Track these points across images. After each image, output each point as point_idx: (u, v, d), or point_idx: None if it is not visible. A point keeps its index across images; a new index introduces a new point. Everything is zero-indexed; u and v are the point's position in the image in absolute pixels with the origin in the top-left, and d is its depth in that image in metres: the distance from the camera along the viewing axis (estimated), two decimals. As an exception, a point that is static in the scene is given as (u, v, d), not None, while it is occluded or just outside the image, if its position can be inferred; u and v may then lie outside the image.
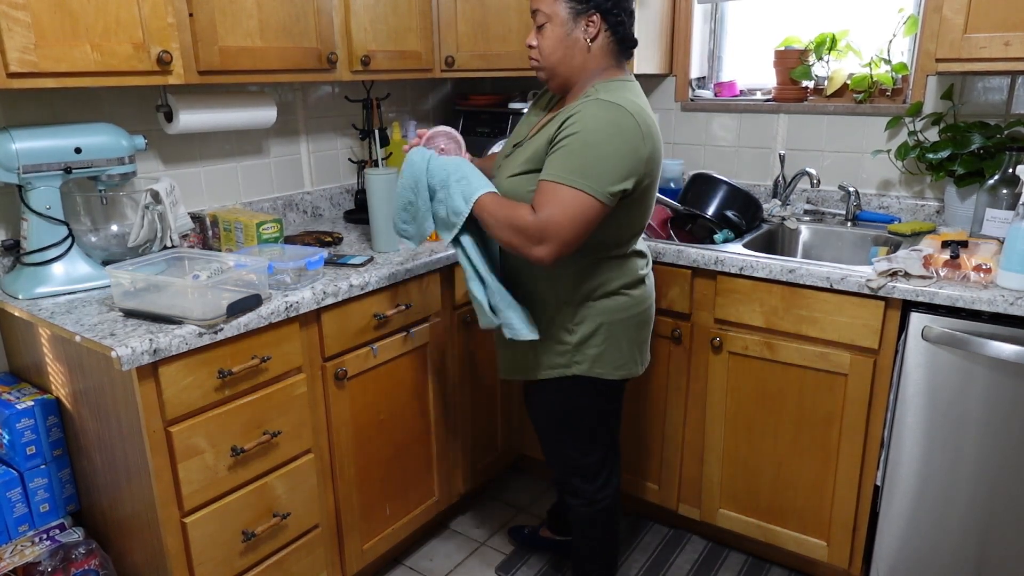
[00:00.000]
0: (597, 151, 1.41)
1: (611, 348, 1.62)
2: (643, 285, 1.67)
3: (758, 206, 2.28)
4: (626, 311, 1.63)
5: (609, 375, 1.65)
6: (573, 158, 1.42)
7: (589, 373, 1.63)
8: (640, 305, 1.66)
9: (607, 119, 1.43)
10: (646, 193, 1.54)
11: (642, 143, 1.46)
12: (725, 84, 2.59)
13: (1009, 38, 1.74)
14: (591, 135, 1.42)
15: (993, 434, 1.70)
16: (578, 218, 1.42)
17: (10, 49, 1.40)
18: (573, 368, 1.63)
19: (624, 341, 1.64)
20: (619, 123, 1.43)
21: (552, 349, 1.64)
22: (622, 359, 1.65)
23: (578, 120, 1.44)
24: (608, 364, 1.64)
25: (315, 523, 1.84)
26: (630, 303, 1.63)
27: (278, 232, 1.93)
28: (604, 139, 1.42)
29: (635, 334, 1.67)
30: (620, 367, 1.65)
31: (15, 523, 1.66)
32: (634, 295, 1.64)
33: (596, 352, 1.62)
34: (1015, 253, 1.64)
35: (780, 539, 2.10)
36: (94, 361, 1.52)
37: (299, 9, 1.90)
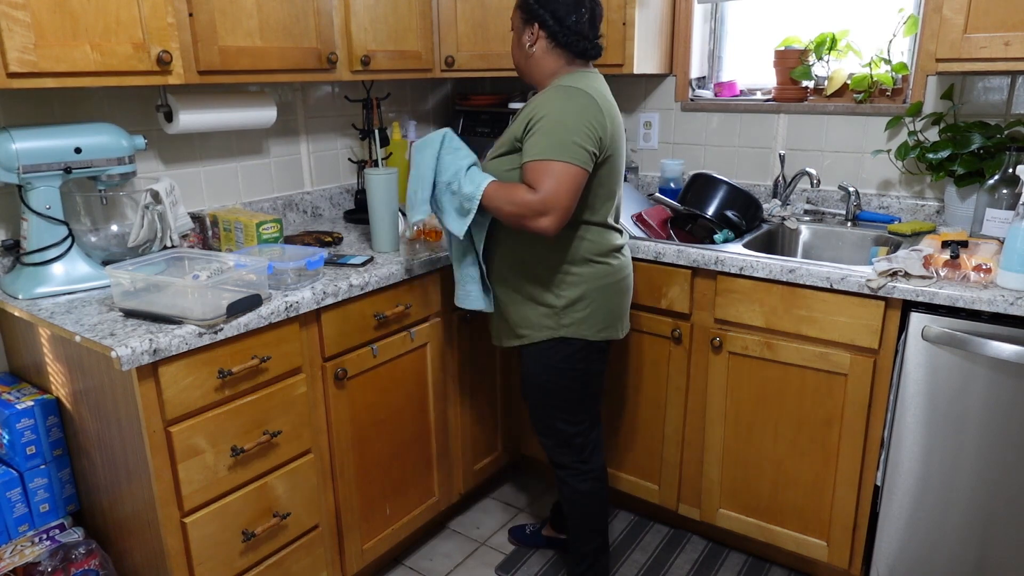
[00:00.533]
0: (566, 125, 1.61)
1: (594, 312, 1.78)
2: (621, 256, 1.83)
3: (758, 206, 2.28)
4: (607, 278, 1.79)
5: (593, 336, 1.80)
6: (549, 136, 1.61)
7: (575, 335, 1.79)
8: (619, 273, 1.82)
9: (566, 98, 1.64)
10: (609, 162, 1.71)
11: (600, 115, 1.65)
12: (725, 84, 2.59)
13: (1009, 38, 1.74)
14: (557, 114, 1.62)
15: (993, 434, 1.70)
16: (571, 186, 1.61)
17: (10, 49, 1.40)
18: (560, 331, 1.78)
19: (606, 306, 1.80)
20: (577, 100, 1.64)
21: (541, 313, 1.79)
22: (604, 322, 1.81)
23: (543, 105, 1.65)
24: (592, 327, 1.79)
25: (315, 523, 1.84)
26: (610, 271, 1.79)
27: (278, 232, 1.93)
28: (569, 115, 1.62)
29: (616, 300, 1.83)
30: (602, 329, 1.81)
31: (15, 523, 1.66)
32: (613, 264, 1.80)
33: (581, 315, 1.78)
34: (1015, 253, 1.64)
35: (780, 539, 2.10)
36: (94, 361, 1.52)
37: (299, 9, 1.90)
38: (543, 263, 1.76)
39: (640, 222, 2.31)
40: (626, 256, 1.86)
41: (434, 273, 2.04)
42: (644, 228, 2.30)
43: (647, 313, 2.15)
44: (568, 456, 1.91)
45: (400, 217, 2.07)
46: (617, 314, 1.84)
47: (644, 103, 2.70)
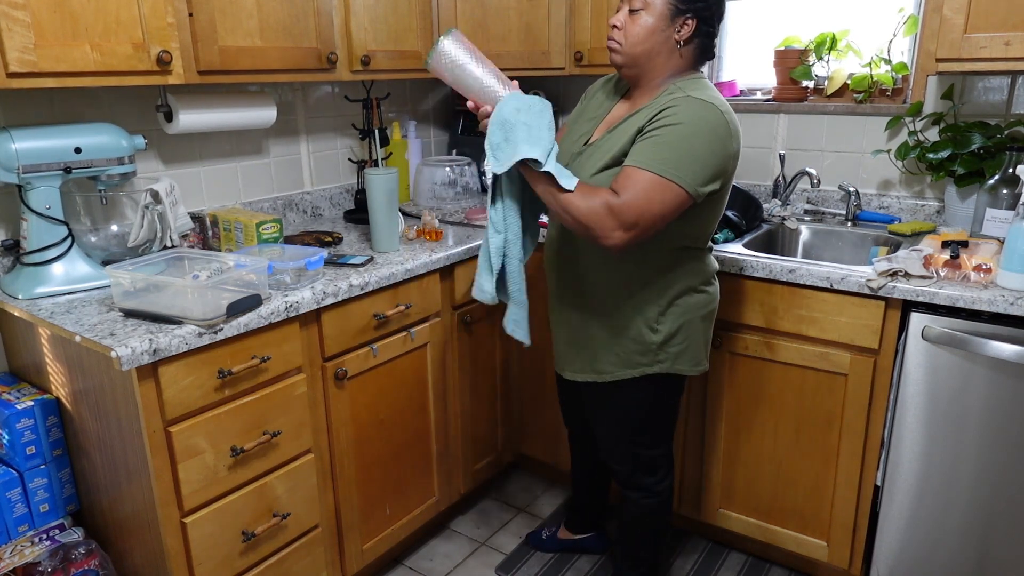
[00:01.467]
0: (692, 146, 1.42)
1: (691, 345, 1.65)
2: (716, 281, 1.71)
3: (758, 206, 2.28)
4: (703, 308, 1.66)
5: (689, 371, 1.68)
6: (667, 149, 1.42)
7: (671, 370, 1.65)
8: (714, 301, 1.70)
9: (703, 116, 1.44)
10: (725, 190, 1.56)
11: (731, 141, 1.48)
12: (725, 84, 2.59)
13: (1009, 38, 1.74)
14: (687, 129, 1.42)
15: (993, 434, 1.70)
16: (662, 206, 1.41)
17: (10, 49, 1.40)
18: (656, 367, 1.64)
19: (701, 337, 1.68)
20: (714, 122, 1.45)
21: (634, 348, 1.63)
22: (700, 355, 1.69)
23: (674, 114, 1.44)
24: (689, 361, 1.67)
25: (315, 523, 1.84)
26: (707, 300, 1.66)
27: (278, 232, 1.93)
28: (699, 135, 1.43)
29: (709, 330, 1.71)
30: (698, 363, 1.69)
31: (15, 523, 1.66)
32: (710, 291, 1.67)
33: (678, 350, 1.64)
34: (1015, 253, 1.64)
35: (780, 539, 2.10)
36: (94, 361, 1.52)
37: (299, 9, 1.90)
38: (644, 294, 1.58)
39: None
40: (717, 280, 1.72)
41: (434, 273, 2.04)
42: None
43: (647, 313, 2.15)
44: (644, 478, 1.80)
45: (400, 217, 2.07)
46: (709, 343, 1.72)
47: (644, 103, 2.69)
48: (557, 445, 2.45)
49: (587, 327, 1.67)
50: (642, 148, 1.44)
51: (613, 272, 1.60)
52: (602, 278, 1.62)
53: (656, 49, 1.52)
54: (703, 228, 1.59)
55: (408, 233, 2.18)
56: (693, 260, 1.61)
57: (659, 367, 1.64)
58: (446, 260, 2.04)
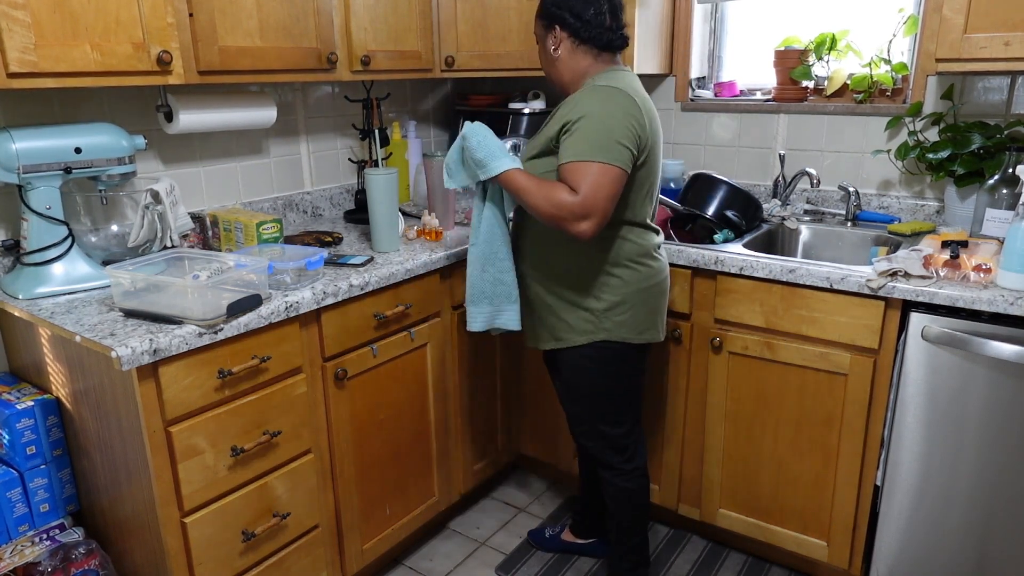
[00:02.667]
0: (605, 125, 1.58)
1: (635, 314, 1.76)
2: (659, 256, 1.81)
3: (758, 206, 2.28)
4: (647, 280, 1.76)
5: (634, 339, 1.78)
6: (587, 138, 1.58)
7: (615, 337, 1.76)
8: (658, 275, 1.80)
9: (604, 98, 1.61)
10: (648, 162, 1.69)
11: (640, 113, 1.62)
12: (725, 84, 2.59)
13: (1009, 38, 1.74)
14: (596, 114, 1.59)
15: (993, 434, 1.70)
16: (611, 189, 1.58)
17: (10, 49, 1.40)
18: (600, 334, 1.76)
19: (645, 309, 1.78)
20: (614, 99, 1.61)
21: (580, 316, 1.76)
22: (645, 325, 1.79)
23: (579, 105, 1.62)
24: (633, 329, 1.77)
25: (315, 523, 1.84)
26: (651, 272, 1.77)
27: (278, 232, 1.93)
28: (607, 114, 1.59)
29: (656, 302, 1.81)
30: (643, 332, 1.79)
31: (15, 523, 1.66)
32: (653, 266, 1.78)
33: (621, 318, 1.75)
34: (1015, 253, 1.64)
35: (780, 539, 2.10)
36: (94, 361, 1.52)
37: (299, 9, 1.90)
38: (584, 266, 1.73)
39: (640, 222, 2.31)
40: (663, 256, 1.83)
41: (434, 273, 2.04)
42: (644, 228, 2.30)
43: (647, 313, 2.15)
44: (613, 457, 1.89)
45: (400, 217, 2.07)
46: (657, 315, 1.82)
47: (644, 103, 2.70)
48: (557, 445, 2.45)
49: (545, 301, 1.81)
50: (571, 143, 1.60)
51: (563, 250, 1.74)
52: (546, 256, 1.78)
53: (550, 63, 1.76)
54: (631, 202, 1.70)
55: (408, 233, 2.18)
56: (631, 235, 1.73)
57: (604, 334, 1.76)
58: (446, 260, 2.04)
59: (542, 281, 1.80)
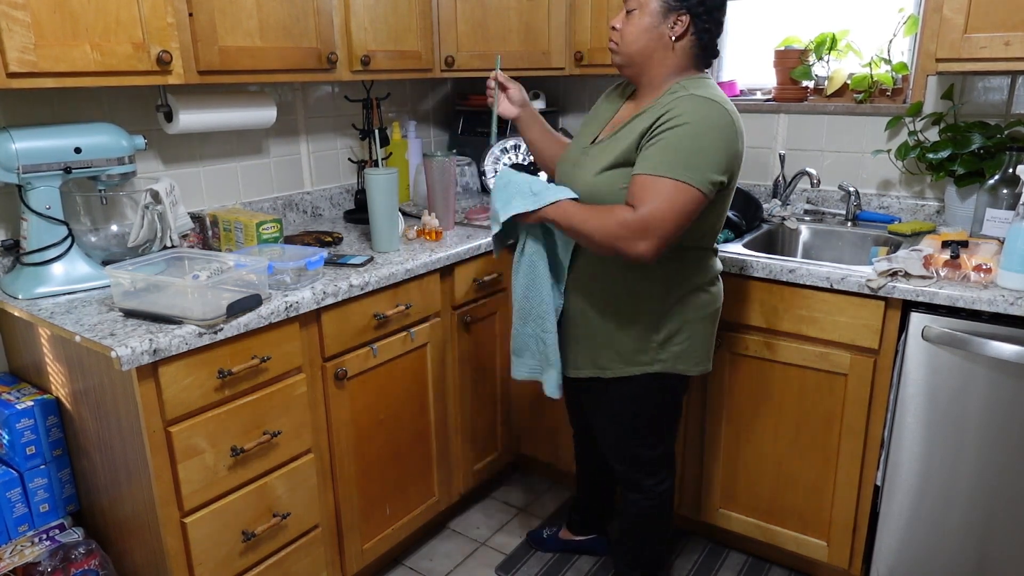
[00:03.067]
0: (697, 144, 1.43)
1: (693, 344, 1.66)
2: (719, 281, 1.71)
3: (758, 206, 2.28)
4: (707, 308, 1.66)
5: (690, 371, 1.68)
6: (673, 151, 1.43)
7: (672, 370, 1.65)
8: (717, 301, 1.70)
9: (706, 114, 1.45)
10: (729, 189, 1.57)
11: (736, 139, 1.49)
12: (725, 84, 2.58)
13: (1009, 38, 1.74)
14: (691, 128, 1.43)
15: (993, 434, 1.70)
16: (682, 210, 1.43)
17: (10, 49, 1.40)
18: (656, 365, 1.64)
19: (702, 338, 1.68)
20: (717, 118, 1.45)
21: (635, 346, 1.64)
22: (701, 355, 1.69)
23: (679, 114, 1.45)
24: (690, 360, 1.67)
25: (315, 523, 1.84)
26: (710, 300, 1.67)
27: (278, 232, 1.93)
28: (703, 132, 1.43)
29: (711, 330, 1.71)
30: (699, 363, 1.69)
31: (15, 523, 1.66)
32: (712, 292, 1.68)
33: (679, 349, 1.64)
34: (1015, 253, 1.64)
35: (780, 539, 2.10)
36: (94, 361, 1.52)
37: (299, 9, 1.90)
38: (646, 290, 1.59)
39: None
40: (721, 280, 1.72)
41: (434, 273, 2.04)
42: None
43: (647, 313, 2.15)
44: (645, 479, 1.81)
45: (400, 217, 2.07)
46: (711, 344, 1.71)
47: (644, 103, 2.69)
48: (557, 445, 2.45)
49: (590, 324, 1.68)
50: (651, 154, 1.45)
51: (618, 270, 1.61)
52: (607, 276, 1.63)
53: (651, 47, 1.54)
54: (708, 227, 1.59)
55: (408, 233, 2.18)
56: (698, 260, 1.62)
57: (659, 366, 1.64)
58: (446, 260, 2.04)
59: (589, 301, 1.67)
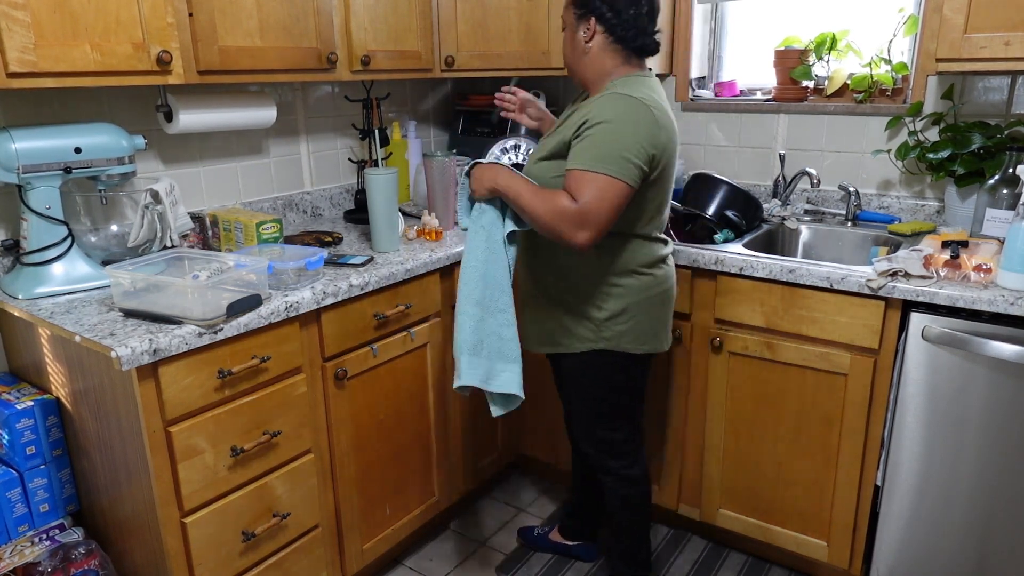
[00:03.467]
0: (616, 138, 1.54)
1: (636, 324, 1.73)
2: (664, 266, 1.77)
3: (758, 206, 2.28)
4: (650, 289, 1.73)
5: (634, 349, 1.74)
6: (597, 147, 1.55)
7: (615, 347, 1.73)
8: (662, 284, 1.75)
9: (623, 110, 1.56)
10: (661, 177, 1.65)
11: (657, 129, 1.58)
12: (725, 84, 2.59)
13: (1009, 38, 1.74)
14: (610, 124, 1.55)
15: (993, 434, 1.70)
16: (613, 202, 1.55)
17: (10, 49, 1.40)
18: (600, 343, 1.73)
19: (648, 318, 1.74)
20: (633, 113, 1.56)
21: (581, 324, 1.74)
22: (646, 335, 1.75)
23: (597, 112, 1.57)
24: (634, 340, 1.74)
25: (315, 523, 1.84)
26: (653, 282, 1.73)
27: (278, 232, 1.93)
28: (622, 127, 1.55)
29: (658, 312, 1.77)
30: (644, 342, 1.75)
31: (15, 523, 1.66)
32: (656, 275, 1.74)
33: (623, 328, 1.72)
34: (1015, 253, 1.64)
35: (780, 539, 2.10)
36: (94, 361, 1.52)
37: (299, 9, 1.90)
38: (587, 274, 1.70)
39: (640, 222, 2.31)
40: (670, 266, 1.79)
41: (434, 273, 2.04)
42: (644, 228, 2.30)
43: (647, 313, 2.15)
44: (612, 462, 1.87)
45: (400, 217, 2.07)
46: (660, 326, 1.78)
47: (644, 103, 2.69)
48: (557, 445, 2.45)
49: (547, 306, 1.79)
50: (580, 150, 1.57)
51: (566, 259, 1.72)
52: (549, 263, 1.76)
53: (576, 55, 1.69)
54: (638, 214, 1.66)
55: (408, 233, 2.18)
56: (634, 245, 1.70)
57: (604, 343, 1.73)
58: (446, 260, 2.04)
59: (543, 283, 1.78)
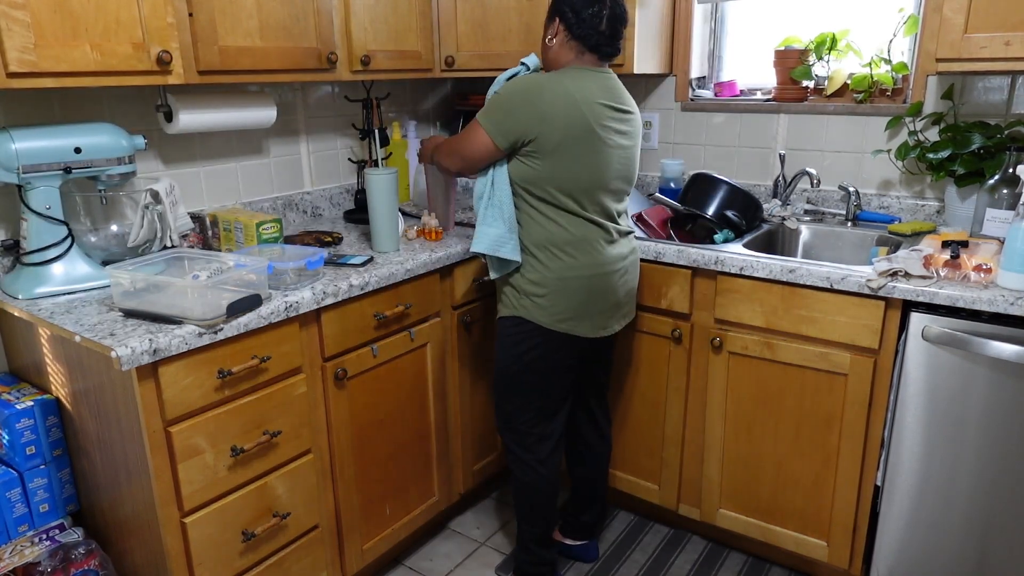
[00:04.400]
0: (500, 101, 1.73)
1: (553, 302, 1.79)
2: (594, 254, 1.79)
3: (758, 206, 2.28)
4: (568, 271, 1.77)
5: (549, 325, 1.80)
6: (487, 106, 1.78)
7: (529, 317, 1.81)
8: (583, 270, 1.78)
9: (519, 82, 1.75)
10: (549, 148, 1.71)
11: (540, 102, 1.69)
12: (725, 84, 2.59)
13: (1009, 38, 1.74)
14: (504, 90, 1.75)
15: (993, 434, 1.70)
16: (472, 143, 1.77)
17: (10, 49, 1.40)
18: (519, 310, 1.82)
19: (565, 299, 1.79)
20: (525, 86, 1.72)
21: (509, 290, 1.85)
22: (564, 314, 1.80)
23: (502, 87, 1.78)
24: (549, 315, 1.79)
25: (315, 523, 1.84)
26: (573, 264, 1.77)
27: (278, 232, 1.93)
28: (511, 95, 1.72)
29: (581, 297, 1.80)
30: (562, 321, 1.80)
31: (15, 523, 1.66)
32: (577, 258, 1.78)
33: (542, 302, 1.79)
34: (1015, 253, 1.64)
35: (780, 539, 2.10)
36: (94, 361, 1.52)
37: (299, 9, 1.90)
38: (525, 236, 1.81)
39: (640, 222, 2.31)
40: (605, 255, 1.80)
41: (434, 273, 2.04)
42: (644, 228, 2.30)
43: (647, 313, 2.15)
44: (510, 438, 1.95)
45: (400, 217, 2.07)
46: (583, 311, 1.80)
47: (644, 103, 2.70)
48: (557, 445, 2.45)
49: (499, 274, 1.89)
50: None
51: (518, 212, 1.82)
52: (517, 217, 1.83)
53: (545, 54, 1.84)
54: (548, 190, 1.74)
55: (408, 233, 2.18)
56: (556, 220, 1.76)
57: (523, 312, 1.81)
58: (446, 260, 2.04)
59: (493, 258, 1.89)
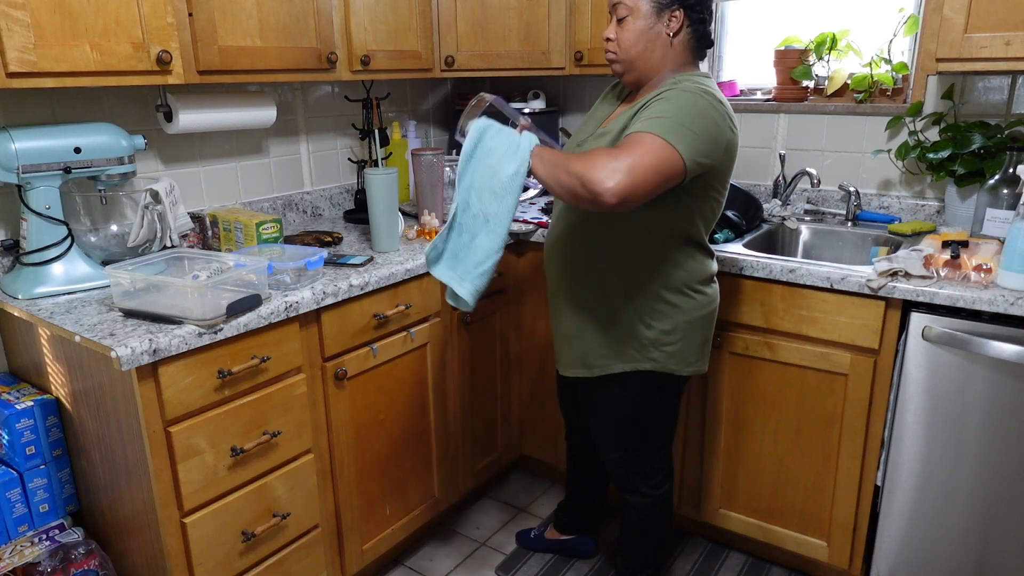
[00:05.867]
0: (683, 120, 1.41)
1: (685, 345, 1.65)
2: (714, 283, 1.70)
3: (758, 206, 2.28)
4: (701, 309, 1.65)
5: (681, 371, 1.67)
6: (661, 120, 1.41)
7: (660, 368, 1.65)
8: (713, 303, 1.69)
9: (694, 100, 1.45)
10: (719, 181, 1.55)
11: (724, 129, 1.48)
12: (725, 84, 2.59)
13: (1009, 38, 1.74)
14: (680, 108, 1.43)
15: (993, 434, 1.70)
16: (658, 166, 1.37)
17: (9, 49, 1.40)
18: (647, 364, 1.64)
19: (697, 339, 1.67)
20: (705, 106, 1.45)
21: (626, 343, 1.64)
22: (694, 356, 1.68)
23: (668, 96, 1.46)
24: (682, 361, 1.66)
25: (315, 523, 1.84)
26: (705, 301, 1.66)
27: (278, 232, 1.93)
28: (691, 114, 1.43)
29: (706, 332, 1.70)
30: (692, 364, 1.68)
31: (15, 523, 1.65)
32: (708, 293, 1.66)
33: (672, 349, 1.64)
34: (1015, 253, 1.64)
35: (780, 539, 2.09)
36: (94, 361, 1.51)
37: (299, 9, 1.90)
38: (634, 286, 1.59)
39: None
40: (717, 282, 1.71)
41: (434, 273, 2.04)
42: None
43: (647, 313, 2.15)
44: (642, 483, 1.80)
45: (400, 217, 2.07)
46: (706, 346, 1.71)
47: (644, 103, 2.69)
48: (557, 445, 2.45)
49: (581, 320, 1.68)
50: (641, 118, 1.45)
51: (610, 265, 1.61)
52: (598, 271, 1.63)
53: (650, 48, 1.55)
54: (694, 220, 1.57)
55: (408, 233, 2.18)
56: (689, 258, 1.61)
57: (651, 364, 1.64)
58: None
59: (578, 299, 1.67)
